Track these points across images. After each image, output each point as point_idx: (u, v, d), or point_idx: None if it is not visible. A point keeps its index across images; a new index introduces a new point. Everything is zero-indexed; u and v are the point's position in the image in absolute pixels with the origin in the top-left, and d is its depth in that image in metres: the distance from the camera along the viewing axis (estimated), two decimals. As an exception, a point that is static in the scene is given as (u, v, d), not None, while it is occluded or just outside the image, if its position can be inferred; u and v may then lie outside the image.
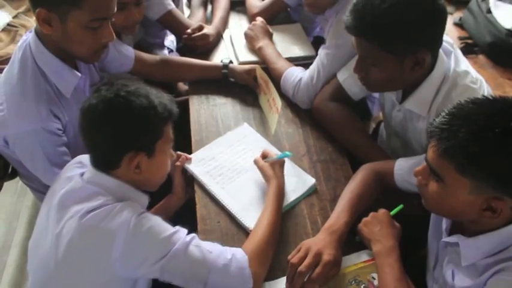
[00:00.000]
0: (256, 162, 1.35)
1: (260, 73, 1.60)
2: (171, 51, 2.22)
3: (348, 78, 1.50)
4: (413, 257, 1.31)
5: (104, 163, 1.08)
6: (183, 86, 2.07)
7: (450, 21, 2.12)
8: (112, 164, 1.07)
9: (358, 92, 1.51)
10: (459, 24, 2.09)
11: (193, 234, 1.08)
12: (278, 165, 1.32)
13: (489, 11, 1.97)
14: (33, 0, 1.18)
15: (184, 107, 1.67)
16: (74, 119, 1.37)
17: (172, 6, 1.81)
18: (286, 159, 1.36)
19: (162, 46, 2.16)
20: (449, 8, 2.20)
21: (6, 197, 2.30)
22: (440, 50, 1.26)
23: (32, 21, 2.05)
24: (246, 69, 1.65)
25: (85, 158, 1.17)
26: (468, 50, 1.96)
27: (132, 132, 1.04)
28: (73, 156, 1.24)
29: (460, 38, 2.01)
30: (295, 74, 1.59)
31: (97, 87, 1.07)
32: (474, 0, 2.05)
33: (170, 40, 2.22)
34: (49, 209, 1.11)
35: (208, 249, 1.06)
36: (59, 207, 1.07)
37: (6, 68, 1.33)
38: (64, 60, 1.30)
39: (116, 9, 1.24)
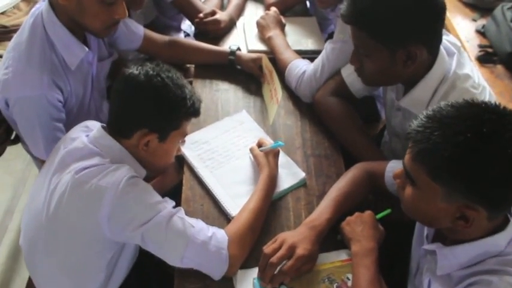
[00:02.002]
0: (251, 150, 1.35)
1: (266, 62, 1.59)
2: (187, 35, 2.23)
3: (351, 75, 1.47)
4: (400, 263, 1.28)
5: (118, 128, 1.14)
6: (191, 68, 2.08)
7: (473, 28, 2.06)
8: (125, 132, 1.12)
9: (361, 90, 1.49)
10: (481, 32, 2.02)
11: (179, 207, 1.11)
12: (272, 154, 1.31)
13: (513, 20, 1.89)
14: None
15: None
16: (77, 89, 1.40)
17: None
18: (280, 150, 1.35)
19: (179, 29, 2.17)
20: (473, 15, 2.13)
21: (16, 163, 2.36)
22: (442, 49, 1.22)
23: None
24: (252, 57, 1.64)
25: (92, 123, 1.22)
26: (487, 59, 1.89)
27: (156, 112, 1.10)
28: (73, 125, 1.26)
29: (480, 46, 1.94)
30: (299, 66, 1.58)
31: (143, 62, 1.14)
32: (499, 7, 1.97)
33: (188, 24, 2.23)
34: (49, 167, 1.15)
35: (191, 224, 1.08)
36: (59, 165, 1.12)
37: (17, 33, 1.36)
38: (74, 32, 1.32)
39: None
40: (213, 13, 1.81)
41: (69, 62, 1.34)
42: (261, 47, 1.76)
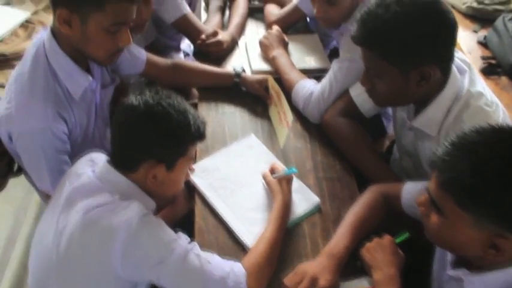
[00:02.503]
0: (264, 176, 1.33)
1: (272, 84, 1.57)
2: (187, 54, 2.21)
3: (360, 95, 1.45)
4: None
5: (123, 162, 1.10)
6: (195, 90, 2.05)
7: (474, 39, 2.06)
8: (131, 165, 1.09)
9: (371, 109, 1.47)
10: (483, 43, 2.02)
11: (194, 243, 1.08)
12: (285, 181, 1.29)
13: (516, 31, 1.89)
14: (56, 0, 1.17)
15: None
16: (82, 119, 1.37)
17: (187, 10, 1.79)
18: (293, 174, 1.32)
19: (178, 49, 2.15)
20: (474, 26, 2.13)
21: (16, 191, 2.31)
22: (454, 68, 1.21)
23: (50, 19, 2.05)
24: (258, 79, 1.62)
25: (96, 156, 1.20)
26: (491, 70, 1.89)
27: (161, 142, 1.07)
28: (78, 155, 1.23)
29: (483, 58, 1.94)
30: (306, 87, 1.56)
31: (142, 90, 1.10)
32: (501, 18, 1.97)
33: (187, 44, 2.21)
34: (55, 204, 1.12)
35: (207, 260, 1.05)
36: (66, 202, 1.08)
37: (19, 63, 1.33)
38: (77, 61, 1.29)
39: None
40: (215, 34, 1.79)
41: (73, 92, 1.30)
42: (265, 67, 1.73)
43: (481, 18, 2.16)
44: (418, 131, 1.31)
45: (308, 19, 2.05)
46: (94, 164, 1.16)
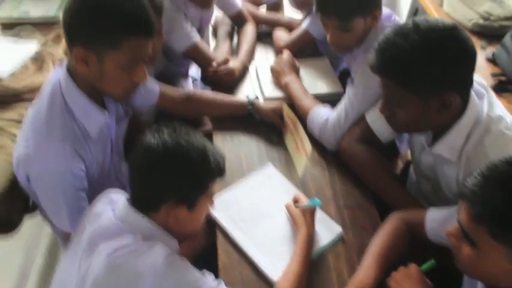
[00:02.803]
0: (287, 207, 1.32)
1: (287, 112, 1.56)
2: (194, 80, 2.21)
3: (377, 120, 1.45)
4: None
5: (144, 204, 1.08)
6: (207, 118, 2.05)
7: (482, 56, 2.05)
8: (152, 206, 1.07)
9: (388, 135, 1.47)
10: (492, 60, 2.02)
11: (219, 280, 1.06)
12: (309, 212, 1.28)
13: (525, 48, 1.89)
14: (72, 39, 1.17)
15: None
16: (98, 155, 1.36)
17: (197, 38, 1.80)
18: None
19: (186, 75, 2.15)
20: (481, 43, 2.13)
21: (27, 225, 2.28)
22: (472, 92, 1.21)
23: (59, 50, 2.05)
24: (272, 107, 1.61)
25: (114, 194, 1.18)
26: (502, 87, 1.88)
27: (181, 183, 1.05)
28: (96, 192, 1.22)
29: (493, 75, 1.94)
30: (321, 114, 1.55)
31: (159, 126, 1.09)
32: (508, 34, 1.97)
33: (195, 69, 2.21)
34: (76, 248, 1.10)
35: None
36: (88, 245, 1.06)
37: (36, 102, 1.33)
38: (93, 97, 1.29)
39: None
40: (226, 62, 1.78)
41: (90, 130, 1.30)
42: (278, 93, 1.73)
43: (488, 34, 2.16)
44: (437, 156, 1.30)
45: (317, 42, 2.05)
46: (113, 203, 1.15)
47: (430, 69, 1.11)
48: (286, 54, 1.80)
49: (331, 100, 1.72)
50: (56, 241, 2.18)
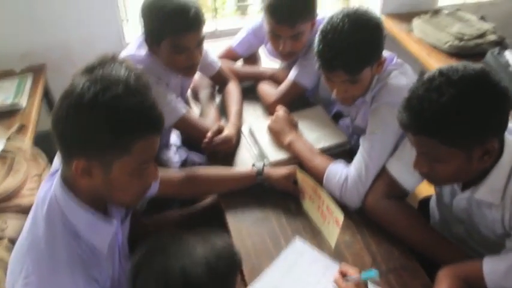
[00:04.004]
0: (336, 282, 1.18)
1: (302, 177, 1.45)
2: (178, 147, 2.06)
3: (401, 170, 1.38)
4: None
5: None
6: None
7: (467, 77, 2.04)
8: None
9: (414, 183, 1.39)
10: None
11: None
12: (363, 285, 1.15)
13: (509, 64, 1.90)
14: (70, 150, 1.01)
15: (217, 214, 1.51)
16: (108, 267, 1.18)
17: (184, 110, 1.66)
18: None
19: (168, 145, 2.00)
20: (461, 64, 2.14)
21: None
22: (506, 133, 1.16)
23: (27, 142, 1.85)
24: (283, 173, 1.49)
25: None
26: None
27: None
28: None
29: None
30: (339, 172, 1.45)
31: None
32: (489, 54, 1.98)
33: (175, 136, 2.06)
34: None
35: None
36: None
37: (28, 226, 1.12)
38: (97, 207, 1.11)
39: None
40: (220, 130, 1.65)
41: (99, 247, 1.12)
42: (283, 155, 1.62)
43: (465, 54, 2.18)
44: (475, 200, 1.24)
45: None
46: None
47: (472, 122, 1.06)
48: (282, 111, 1.70)
49: (339, 152, 1.64)
50: None
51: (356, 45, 1.35)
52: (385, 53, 1.48)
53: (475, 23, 2.23)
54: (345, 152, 1.67)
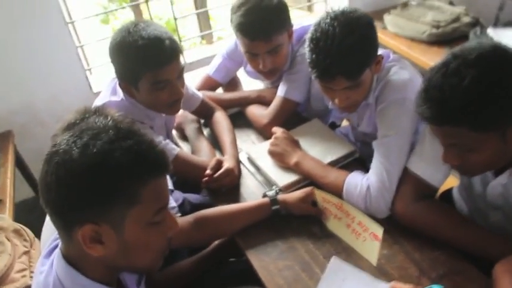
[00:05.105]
0: None
1: (322, 196, 1.33)
2: (171, 191, 1.90)
3: (425, 167, 1.27)
4: None
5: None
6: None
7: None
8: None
9: (441, 178, 1.29)
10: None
11: None
12: None
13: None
14: (70, 220, 0.84)
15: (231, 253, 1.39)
16: None
17: (177, 149, 1.52)
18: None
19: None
20: (444, 50, 2.09)
21: None
22: None
23: (7, 220, 1.66)
24: (300, 197, 1.36)
25: None
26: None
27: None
28: None
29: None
30: (358, 184, 1.33)
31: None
32: (472, 35, 1.94)
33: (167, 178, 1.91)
34: None
35: None
36: None
37: None
38: (109, 282, 0.95)
39: None
40: (219, 163, 1.52)
41: None
42: (292, 177, 1.49)
43: (444, 41, 2.14)
44: (509, 183, 1.14)
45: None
46: None
47: (500, 100, 0.97)
48: (280, 131, 1.58)
49: (348, 163, 1.53)
50: None
51: (352, 48, 1.26)
52: (380, 51, 1.39)
53: (446, 9, 2.20)
54: (354, 162, 1.56)
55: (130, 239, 0.87)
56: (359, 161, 1.57)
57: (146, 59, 1.35)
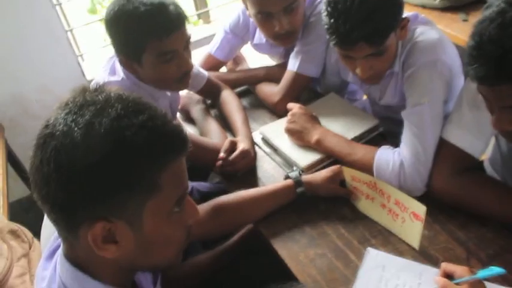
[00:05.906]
0: (439, 282, 0.93)
1: (352, 174, 1.21)
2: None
3: (465, 137, 1.15)
4: None
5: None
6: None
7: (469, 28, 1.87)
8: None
9: (483, 147, 1.17)
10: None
11: None
12: (481, 285, 0.91)
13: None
14: (76, 218, 0.70)
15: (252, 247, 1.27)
16: None
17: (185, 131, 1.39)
18: None
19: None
20: (460, 15, 1.98)
21: None
22: None
23: (2, 220, 1.53)
24: (327, 176, 1.24)
25: None
26: None
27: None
28: None
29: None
30: (390, 160, 1.21)
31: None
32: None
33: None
34: None
35: None
36: None
37: None
38: (123, 284, 0.83)
39: None
40: (234, 144, 1.39)
41: None
42: (314, 156, 1.36)
43: (458, 5, 2.01)
44: None
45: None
46: None
47: None
48: (296, 108, 1.44)
49: (373, 138, 1.41)
50: None
51: (375, 10, 1.13)
52: (406, 13, 1.26)
53: (457, -28, 2.07)
54: (377, 137, 1.43)
55: (149, 234, 0.74)
56: (383, 136, 1.45)
57: (150, 27, 1.21)
